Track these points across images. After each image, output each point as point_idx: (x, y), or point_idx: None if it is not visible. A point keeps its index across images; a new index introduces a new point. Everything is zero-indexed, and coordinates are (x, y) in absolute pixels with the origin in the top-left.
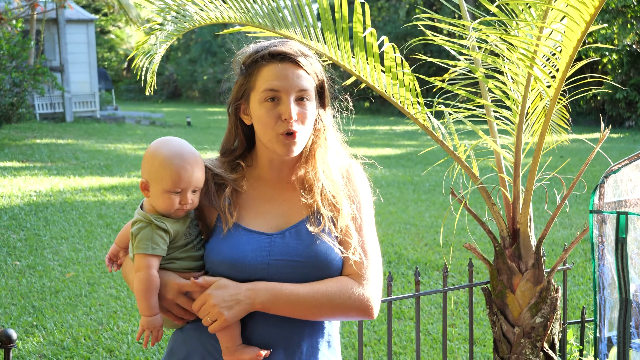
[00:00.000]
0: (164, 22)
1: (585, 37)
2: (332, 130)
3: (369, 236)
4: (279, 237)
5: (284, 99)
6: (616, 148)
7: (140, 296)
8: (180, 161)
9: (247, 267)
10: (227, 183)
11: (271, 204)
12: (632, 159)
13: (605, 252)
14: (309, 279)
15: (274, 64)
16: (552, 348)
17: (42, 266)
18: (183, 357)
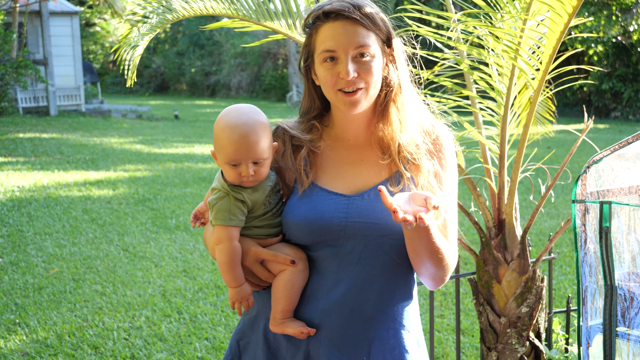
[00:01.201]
0: (147, 14)
1: (571, 29)
2: (408, 84)
3: (451, 199)
4: (357, 199)
5: (341, 57)
6: (602, 139)
7: (225, 268)
8: (233, 133)
9: (323, 228)
10: (304, 144)
11: (350, 165)
12: (614, 148)
13: (588, 241)
14: (386, 243)
15: (329, 23)
16: (538, 337)
17: (25, 262)
18: (255, 315)
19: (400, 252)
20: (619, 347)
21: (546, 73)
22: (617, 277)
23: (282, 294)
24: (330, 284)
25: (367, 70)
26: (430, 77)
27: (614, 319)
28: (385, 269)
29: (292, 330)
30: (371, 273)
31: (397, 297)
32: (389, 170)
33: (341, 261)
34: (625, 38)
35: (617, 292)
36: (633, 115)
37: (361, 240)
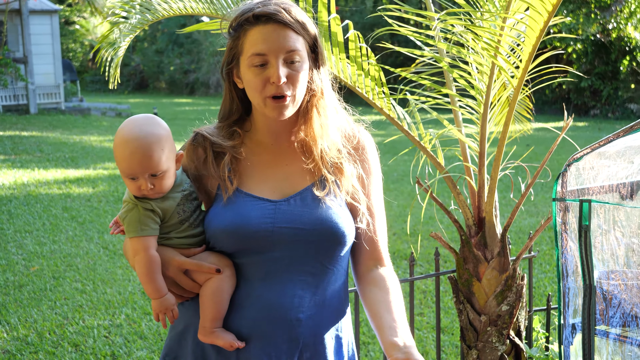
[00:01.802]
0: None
1: (550, 27)
2: (330, 89)
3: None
4: (284, 204)
5: (271, 62)
6: (582, 136)
7: (144, 279)
8: (124, 149)
9: (250, 234)
10: (226, 150)
11: (274, 169)
12: (594, 147)
13: (568, 239)
14: (313, 248)
15: (259, 26)
16: (519, 335)
17: (5, 260)
18: (181, 330)
19: (330, 258)
20: (598, 346)
21: (526, 71)
22: (597, 276)
23: (210, 302)
24: (258, 291)
25: (296, 75)
26: (409, 76)
27: (593, 317)
28: (314, 275)
29: (221, 342)
30: (300, 279)
31: (327, 304)
32: (314, 174)
33: (269, 268)
34: (604, 36)
35: (596, 291)
36: (612, 113)
37: (289, 246)
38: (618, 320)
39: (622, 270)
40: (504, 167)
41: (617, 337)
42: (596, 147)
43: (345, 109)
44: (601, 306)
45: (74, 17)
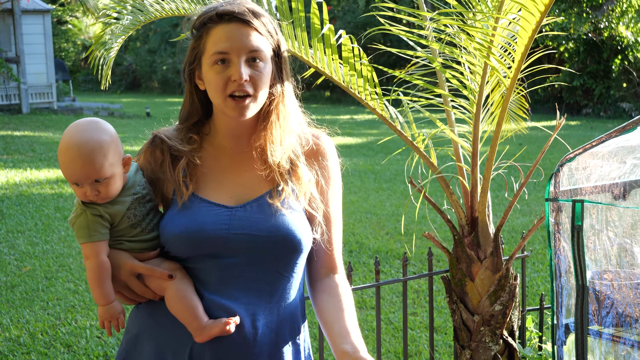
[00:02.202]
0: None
1: (542, 27)
2: (291, 95)
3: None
4: (240, 210)
5: (233, 60)
6: (574, 135)
7: (94, 283)
8: (65, 156)
9: (204, 240)
10: (183, 154)
11: (232, 175)
12: (586, 147)
13: (561, 239)
14: (271, 255)
15: (223, 25)
16: (512, 335)
17: None
18: (136, 334)
19: (286, 265)
20: (591, 346)
21: (519, 71)
22: (589, 276)
23: (182, 308)
24: (212, 297)
25: (258, 75)
26: (402, 76)
27: (586, 317)
28: (269, 282)
29: (217, 330)
30: (255, 286)
31: (283, 311)
32: (271, 180)
33: (223, 274)
34: (595, 35)
35: (589, 291)
36: (604, 112)
37: (244, 253)
38: (611, 321)
39: (615, 270)
40: (497, 167)
41: (610, 337)
42: (589, 148)
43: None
44: (594, 306)
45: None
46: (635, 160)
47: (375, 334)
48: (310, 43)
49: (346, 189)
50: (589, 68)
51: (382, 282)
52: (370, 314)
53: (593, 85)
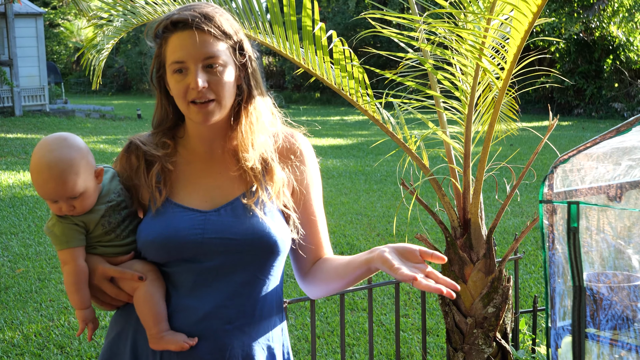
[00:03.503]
0: (112, 18)
1: (533, 27)
2: (261, 94)
3: (320, 207)
4: (214, 215)
5: (191, 68)
6: (565, 136)
7: (71, 289)
8: (38, 177)
9: (179, 245)
10: (157, 160)
11: (206, 179)
12: (580, 149)
13: (556, 241)
14: (246, 258)
15: (178, 33)
16: (505, 338)
17: None
18: (116, 334)
19: (261, 268)
20: (588, 349)
21: (511, 72)
22: (586, 277)
23: (146, 309)
24: (186, 300)
25: (217, 80)
26: (394, 77)
27: (583, 320)
28: (245, 285)
29: (173, 346)
30: (230, 289)
31: (258, 314)
32: (245, 183)
33: (198, 278)
34: (587, 35)
35: (586, 293)
36: (596, 112)
37: (220, 257)
38: (608, 323)
39: (612, 272)
40: (489, 169)
41: (607, 340)
42: (583, 149)
43: (282, 113)
44: (591, 309)
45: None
46: (630, 161)
47: (368, 335)
48: (302, 45)
49: (337, 190)
50: (580, 68)
51: (374, 284)
52: (362, 315)
53: (584, 86)
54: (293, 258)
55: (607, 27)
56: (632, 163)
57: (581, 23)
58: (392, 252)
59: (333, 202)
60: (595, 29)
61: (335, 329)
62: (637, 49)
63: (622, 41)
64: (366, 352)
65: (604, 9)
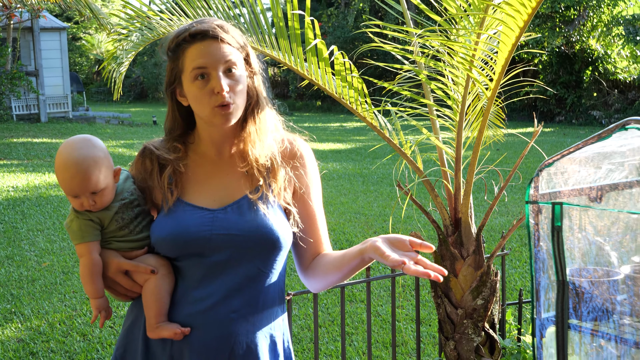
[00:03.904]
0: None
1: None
2: (264, 100)
3: (320, 206)
4: (221, 213)
5: (212, 74)
6: (548, 141)
7: (86, 280)
8: (65, 173)
9: (189, 241)
10: (169, 163)
11: (214, 180)
12: (564, 153)
13: (541, 239)
14: (251, 253)
15: (197, 43)
16: (493, 328)
17: (19, 256)
18: (131, 322)
19: (264, 262)
20: (571, 338)
21: (499, 83)
22: (569, 272)
23: (152, 301)
24: (194, 291)
25: (236, 83)
26: (391, 87)
27: (566, 312)
28: (249, 277)
29: (167, 333)
30: (235, 281)
31: (261, 305)
32: (250, 183)
33: (206, 271)
34: (567, 48)
35: (569, 287)
36: (576, 120)
37: (226, 251)
38: (590, 315)
39: (593, 267)
40: (478, 171)
41: (588, 331)
42: (566, 154)
43: (282, 120)
44: (574, 301)
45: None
46: (610, 165)
47: (366, 325)
48: (305, 57)
49: (336, 191)
50: (562, 79)
51: (372, 278)
52: (360, 306)
53: (565, 95)
54: (295, 254)
55: (586, 40)
56: (612, 167)
57: (562, 37)
58: (383, 242)
59: (333, 202)
60: (576, 42)
61: (335, 318)
62: (614, 61)
63: (600, 54)
64: (364, 340)
65: (584, 24)
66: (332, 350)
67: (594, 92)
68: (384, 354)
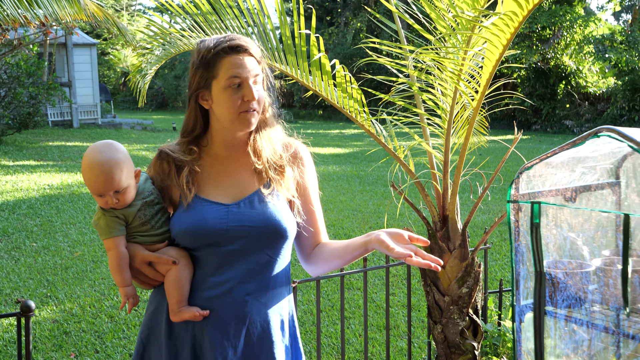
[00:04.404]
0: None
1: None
2: (273, 108)
3: (317, 200)
4: (235, 207)
5: (244, 84)
6: (525, 147)
7: (114, 271)
8: (91, 174)
9: (207, 233)
10: (186, 164)
11: (227, 178)
12: (542, 158)
13: (520, 235)
14: (262, 242)
15: (233, 55)
16: (476, 313)
17: (54, 247)
18: (155, 308)
19: (273, 250)
20: (547, 324)
21: (483, 95)
22: (546, 264)
23: (173, 289)
24: (213, 277)
25: (259, 93)
26: (387, 97)
27: (543, 299)
28: (260, 263)
29: (188, 315)
30: (248, 268)
31: (271, 287)
32: (260, 180)
33: (223, 259)
34: (543, 64)
35: (546, 277)
36: (550, 128)
37: (240, 241)
38: (564, 303)
39: (567, 260)
40: (464, 174)
41: (562, 316)
42: (544, 158)
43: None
44: (550, 290)
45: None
46: (583, 169)
47: (362, 310)
48: (310, 71)
49: (336, 191)
50: (538, 91)
51: (368, 268)
52: (357, 293)
53: (541, 106)
54: (297, 242)
55: (560, 57)
56: (585, 170)
57: (539, 54)
58: (387, 236)
59: (333, 201)
60: (551, 59)
61: (335, 304)
62: (585, 76)
63: (572, 69)
64: (361, 324)
65: (558, 43)
66: (332, 332)
67: (567, 104)
68: (378, 336)
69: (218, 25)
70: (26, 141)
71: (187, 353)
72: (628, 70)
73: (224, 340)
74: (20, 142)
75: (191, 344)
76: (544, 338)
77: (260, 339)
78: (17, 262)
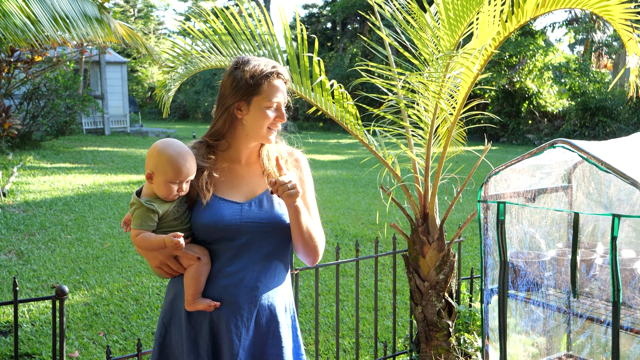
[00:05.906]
0: (176, 66)
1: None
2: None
3: (313, 200)
4: (247, 205)
5: (280, 107)
6: (493, 157)
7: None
8: (182, 159)
9: (224, 227)
10: (205, 167)
11: (241, 179)
12: (507, 165)
13: (488, 229)
14: (268, 236)
15: (278, 80)
16: (451, 296)
17: (86, 239)
18: (174, 295)
19: (278, 243)
20: (509, 305)
21: (460, 111)
22: (509, 255)
23: (191, 282)
24: (227, 267)
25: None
26: (378, 112)
27: (506, 284)
28: (267, 255)
29: (202, 306)
30: (256, 258)
31: (274, 275)
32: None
33: (236, 251)
34: (510, 86)
35: (508, 265)
36: (515, 141)
37: (251, 235)
38: (524, 287)
39: (527, 251)
40: (442, 178)
41: (522, 299)
42: (509, 165)
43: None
44: (512, 276)
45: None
46: (542, 174)
47: (355, 294)
48: (313, 88)
49: (333, 192)
50: (505, 109)
51: (360, 258)
52: (350, 280)
53: (508, 122)
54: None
55: (524, 81)
56: (543, 175)
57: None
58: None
59: (330, 200)
60: (516, 82)
61: (331, 289)
62: (545, 97)
63: (534, 91)
64: (353, 306)
65: (523, 68)
66: (329, 313)
67: (529, 120)
68: (368, 316)
69: (233, 47)
70: (63, 146)
71: (205, 334)
72: (580, 93)
73: (238, 322)
74: (58, 147)
75: (209, 326)
76: (507, 317)
77: (269, 320)
78: (53, 252)
